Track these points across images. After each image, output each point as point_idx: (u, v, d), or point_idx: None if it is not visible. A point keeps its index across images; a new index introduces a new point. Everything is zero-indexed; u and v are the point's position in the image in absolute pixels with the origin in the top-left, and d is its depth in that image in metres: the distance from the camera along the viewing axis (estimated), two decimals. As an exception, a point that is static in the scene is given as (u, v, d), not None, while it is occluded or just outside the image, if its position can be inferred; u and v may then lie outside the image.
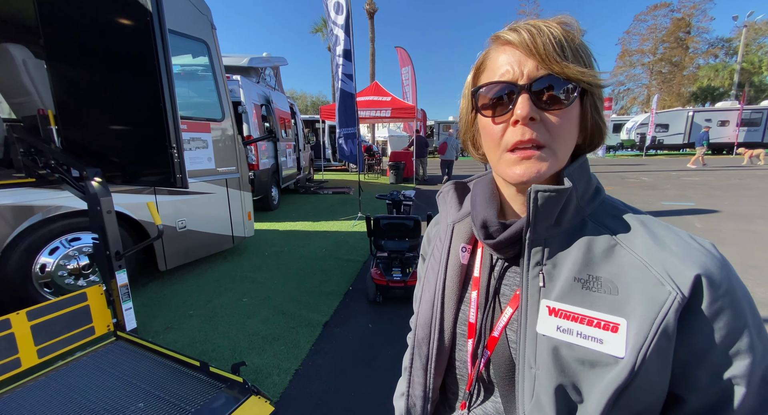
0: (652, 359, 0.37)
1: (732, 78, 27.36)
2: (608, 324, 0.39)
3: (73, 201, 2.59)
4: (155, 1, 1.90)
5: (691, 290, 0.38)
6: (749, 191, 8.25)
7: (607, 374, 0.38)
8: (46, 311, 2.04)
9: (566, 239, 0.45)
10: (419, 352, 0.55)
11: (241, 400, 1.75)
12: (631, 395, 0.38)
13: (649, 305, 0.38)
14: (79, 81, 2.29)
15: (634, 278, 0.40)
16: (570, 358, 0.40)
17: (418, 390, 0.55)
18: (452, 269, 0.55)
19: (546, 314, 0.43)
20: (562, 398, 0.40)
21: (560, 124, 0.43)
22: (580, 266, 0.42)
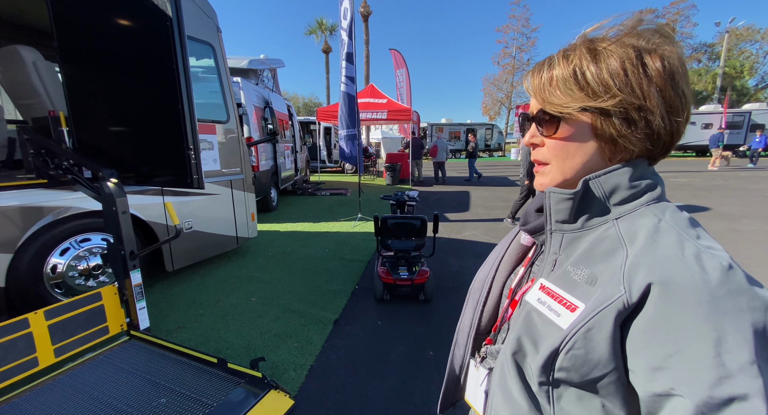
0: (578, 339, 0.44)
1: (715, 82, 28.18)
2: (571, 305, 0.47)
3: (83, 202, 2.61)
4: (175, 7, 1.95)
5: (640, 295, 0.40)
6: (734, 192, 8.55)
7: (551, 338, 0.47)
8: (62, 310, 2.06)
9: (581, 235, 0.51)
10: (473, 295, 0.70)
11: (261, 394, 1.80)
12: (564, 361, 0.45)
13: (601, 296, 0.43)
14: (92, 83, 2.31)
15: (610, 275, 0.44)
16: (536, 321, 0.51)
17: (467, 320, 0.70)
18: (514, 246, 0.69)
19: (537, 288, 0.53)
20: (518, 344, 0.52)
21: (556, 146, 0.52)
22: (579, 259, 0.50)
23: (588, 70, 0.47)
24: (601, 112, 0.47)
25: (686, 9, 31.76)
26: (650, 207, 0.49)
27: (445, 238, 4.88)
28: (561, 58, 0.50)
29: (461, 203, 8.03)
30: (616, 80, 0.46)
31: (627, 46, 0.46)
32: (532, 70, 0.54)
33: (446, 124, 26.99)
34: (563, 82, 0.49)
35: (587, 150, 0.51)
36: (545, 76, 0.51)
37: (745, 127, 20.24)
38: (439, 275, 3.40)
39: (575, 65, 0.48)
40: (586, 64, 0.47)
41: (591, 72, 0.47)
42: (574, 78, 0.48)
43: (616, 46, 0.47)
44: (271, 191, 6.91)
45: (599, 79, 0.47)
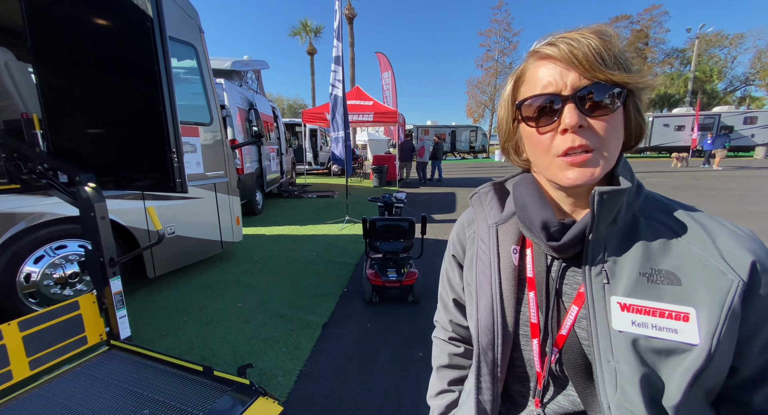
0: (724, 342, 0.41)
1: (686, 86, 29.42)
2: (679, 314, 0.42)
3: (58, 207, 2.51)
4: (155, 7, 1.90)
5: (750, 275, 0.42)
6: (707, 191, 8.93)
7: (685, 360, 0.42)
8: (38, 320, 1.97)
9: (623, 236, 0.48)
10: (485, 358, 0.55)
11: (249, 401, 1.76)
12: (707, 376, 0.42)
13: (716, 293, 0.41)
14: (68, 84, 2.24)
15: (695, 268, 0.43)
16: (648, 349, 0.43)
17: (488, 395, 0.56)
18: (506, 272, 0.55)
19: (618, 311, 0.45)
20: (647, 386, 0.43)
21: (608, 129, 0.45)
22: (642, 261, 0.45)
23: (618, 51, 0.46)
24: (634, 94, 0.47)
25: (659, 16, 33.15)
26: (653, 196, 0.51)
27: (432, 239, 4.91)
28: (590, 34, 0.45)
29: (448, 204, 8.11)
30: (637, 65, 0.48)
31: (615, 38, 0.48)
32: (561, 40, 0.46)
33: (432, 126, 27.24)
34: (611, 58, 0.44)
35: (621, 134, 0.48)
36: (594, 49, 0.44)
37: (715, 128, 21.17)
38: (427, 276, 3.41)
39: (611, 46, 0.45)
40: (615, 44, 0.46)
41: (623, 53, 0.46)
42: (616, 56, 0.45)
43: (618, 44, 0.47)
44: (257, 194, 6.81)
45: (627, 60, 0.46)
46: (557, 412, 0.53)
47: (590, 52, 0.44)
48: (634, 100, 0.48)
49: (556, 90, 0.46)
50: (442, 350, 0.75)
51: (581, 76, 0.45)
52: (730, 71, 33.67)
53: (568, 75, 0.45)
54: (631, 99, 0.48)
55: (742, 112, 21.69)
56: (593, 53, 0.44)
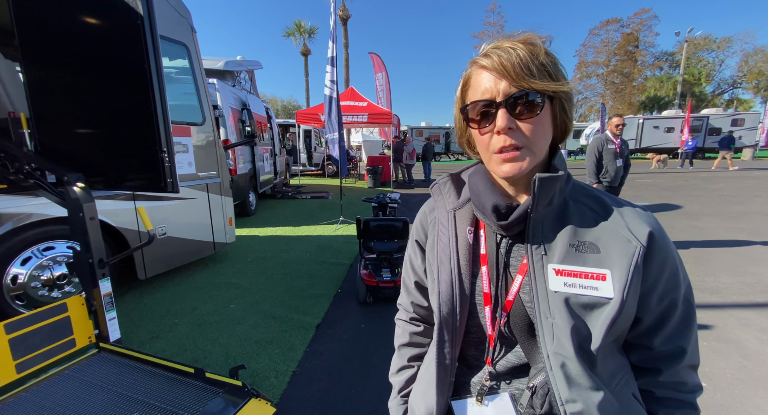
0: (631, 294, 0.52)
1: (675, 88, 29.92)
2: (598, 275, 0.52)
3: (45, 208, 2.47)
4: (146, 5, 1.89)
5: (648, 241, 0.53)
6: (695, 191, 9.08)
7: (604, 311, 0.52)
8: (24, 323, 1.93)
9: (556, 215, 0.58)
10: (446, 325, 0.62)
11: (242, 403, 1.74)
12: (619, 323, 0.53)
13: (624, 256, 0.52)
14: (57, 83, 2.20)
15: (610, 238, 0.54)
16: (577, 305, 0.53)
17: (448, 358, 0.62)
18: (462, 249, 0.63)
19: (554, 275, 0.54)
20: (576, 334, 0.52)
21: (534, 129, 0.53)
22: (571, 235, 0.56)
23: (545, 59, 0.53)
24: (559, 97, 0.55)
25: (649, 19, 33.72)
26: (579, 184, 0.62)
27: (426, 239, 4.90)
28: (520, 45, 0.52)
29: (442, 205, 8.12)
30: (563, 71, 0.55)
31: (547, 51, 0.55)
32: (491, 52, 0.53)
33: (426, 127, 27.31)
34: (537, 65, 0.52)
35: (550, 133, 0.57)
36: (521, 59, 0.51)
37: (704, 130, 21.57)
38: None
39: (536, 53, 0.52)
40: (542, 54, 0.53)
41: (549, 61, 0.53)
42: (542, 63, 0.52)
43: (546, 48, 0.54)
44: (250, 195, 6.77)
45: (555, 67, 0.54)
46: (506, 367, 0.61)
47: (517, 62, 0.51)
48: (560, 103, 0.56)
49: (491, 97, 0.53)
50: (403, 331, 0.82)
51: (510, 85, 0.52)
52: (718, 74, 34.38)
53: (501, 83, 0.53)
54: (556, 102, 0.55)
55: (730, 114, 22.12)
56: (520, 63, 0.51)
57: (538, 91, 0.52)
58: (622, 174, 4.18)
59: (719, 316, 2.77)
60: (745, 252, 4.31)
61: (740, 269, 3.73)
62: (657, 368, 0.58)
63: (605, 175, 4.15)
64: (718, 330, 2.56)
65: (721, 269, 3.77)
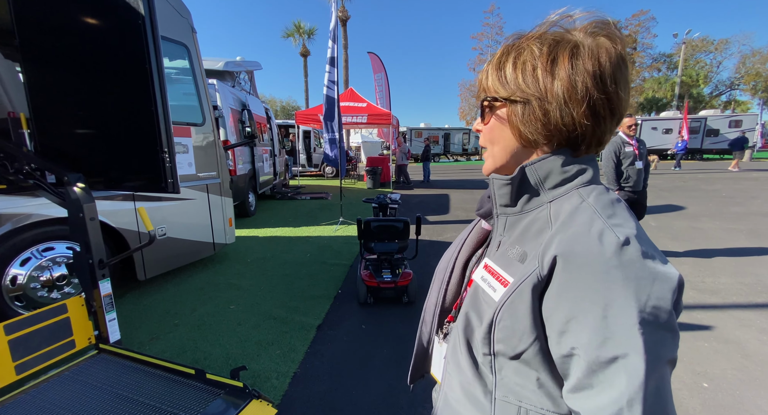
0: (504, 310, 0.50)
1: (673, 90, 30.04)
2: (505, 281, 0.53)
3: (45, 209, 2.46)
4: (147, 5, 1.88)
5: (549, 267, 0.46)
6: (693, 192, 9.11)
7: (489, 312, 0.53)
8: (24, 324, 1.92)
9: (521, 217, 0.57)
10: (437, 275, 0.74)
11: (243, 404, 1.74)
12: (499, 332, 0.51)
13: (522, 273, 0.50)
14: (57, 83, 2.20)
15: (536, 251, 0.49)
16: (480, 298, 0.56)
17: (432, 299, 0.74)
18: (476, 230, 0.73)
19: (481, 267, 0.59)
20: (465, 319, 0.57)
21: (488, 133, 0.58)
22: (515, 239, 0.56)
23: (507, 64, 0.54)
24: (510, 102, 0.54)
25: (646, 21, 33.80)
26: (579, 190, 0.53)
27: (426, 240, 4.91)
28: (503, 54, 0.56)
29: (442, 206, 8.13)
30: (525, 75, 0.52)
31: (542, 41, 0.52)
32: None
33: (425, 128, 27.33)
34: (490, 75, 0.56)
35: (506, 136, 0.57)
36: (487, 71, 0.57)
37: (702, 132, 21.64)
38: (422, 276, 3.41)
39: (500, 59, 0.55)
40: (504, 59, 0.55)
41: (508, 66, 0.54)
42: (496, 71, 0.55)
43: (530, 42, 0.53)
44: (249, 196, 6.76)
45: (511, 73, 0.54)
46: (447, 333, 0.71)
47: (483, 76, 0.58)
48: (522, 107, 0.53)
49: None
50: None
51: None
52: (715, 76, 34.52)
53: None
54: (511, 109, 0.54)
55: (728, 115, 22.20)
56: (483, 76, 0.57)
57: (480, 98, 0.57)
58: (645, 176, 3.80)
59: (719, 316, 2.77)
60: (744, 253, 4.32)
61: (740, 270, 3.74)
62: None
63: (627, 181, 3.75)
64: (718, 331, 2.56)
65: (721, 269, 3.78)
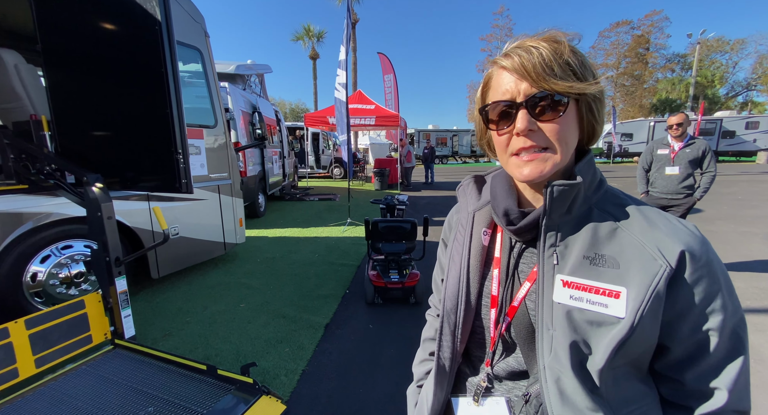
0: (647, 318, 0.47)
1: (688, 91, 29.45)
2: (612, 292, 0.49)
3: (64, 208, 2.54)
4: (164, 11, 1.95)
5: (677, 262, 0.48)
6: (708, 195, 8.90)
7: (611, 331, 0.48)
8: (44, 319, 1.99)
9: (576, 224, 0.54)
10: (448, 320, 0.63)
11: (253, 400, 1.77)
12: (629, 347, 0.48)
13: (645, 275, 0.48)
14: (77, 87, 2.28)
15: (633, 254, 0.49)
16: (581, 320, 0.50)
17: (447, 352, 0.63)
18: (475, 250, 0.64)
19: (560, 287, 0.52)
20: (575, 351, 0.50)
21: (556, 130, 0.51)
22: (588, 246, 0.52)
23: (571, 57, 0.50)
24: (586, 97, 0.52)
25: (660, 21, 33.29)
26: (612, 191, 0.57)
27: (434, 241, 4.90)
28: (543, 43, 0.50)
29: (450, 207, 8.05)
30: (593, 70, 0.52)
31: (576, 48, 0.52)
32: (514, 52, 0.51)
33: (433, 130, 27.31)
34: (560, 66, 0.49)
35: (576, 134, 0.54)
36: (543, 59, 0.49)
37: (717, 133, 21.18)
38: (429, 277, 3.41)
39: (561, 51, 0.50)
40: (566, 52, 0.50)
41: (575, 59, 0.50)
42: (567, 62, 0.50)
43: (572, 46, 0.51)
44: (259, 197, 6.85)
45: (583, 66, 0.51)
46: (505, 370, 0.60)
47: (539, 63, 0.49)
48: (586, 104, 0.53)
49: (512, 97, 0.52)
50: (430, 325, 0.84)
51: (531, 86, 0.50)
52: (731, 76, 33.76)
53: (521, 84, 0.51)
54: (582, 102, 0.52)
55: (744, 117, 21.68)
56: (542, 64, 0.49)
57: (561, 92, 0.49)
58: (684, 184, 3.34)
59: (733, 321, 2.72)
60: (760, 256, 4.23)
61: (755, 274, 3.66)
62: (689, 407, 0.52)
63: (654, 186, 3.57)
64: (731, 335, 2.51)
65: (735, 273, 3.70)
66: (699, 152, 3.32)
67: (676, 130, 3.37)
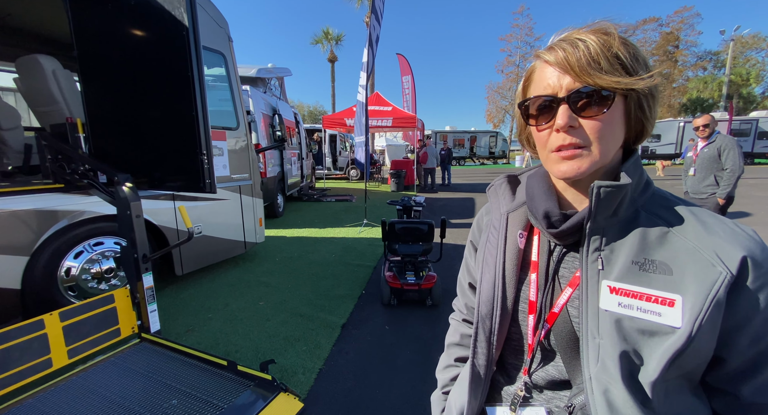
0: (705, 328, 0.44)
1: (721, 90, 28.08)
2: (665, 299, 0.46)
3: (96, 206, 2.67)
4: (191, 17, 2.02)
5: (739, 269, 0.44)
6: (742, 199, 8.46)
7: (666, 342, 0.45)
8: (77, 312, 2.09)
9: (622, 227, 0.51)
10: (483, 326, 0.61)
11: (271, 397, 1.80)
12: (685, 358, 0.45)
13: (703, 283, 0.44)
14: (110, 91, 2.39)
15: (687, 260, 0.46)
16: (631, 329, 0.47)
17: (482, 359, 0.61)
18: (510, 253, 0.61)
19: (607, 293, 0.49)
20: (626, 361, 0.47)
21: (599, 128, 0.48)
22: (637, 251, 0.49)
23: (621, 51, 0.47)
24: (636, 93, 0.49)
25: (690, 18, 31.88)
26: (660, 192, 0.54)
27: (451, 244, 4.88)
28: (591, 35, 0.48)
29: (467, 209, 8.03)
30: (647, 63, 0.48)
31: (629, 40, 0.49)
32: (558, 45, 0.49)
33: (450, 132, 27.11)
34: (607, 59, 0.46)
35: (622, 132, 0.51)
36: (589, 52, 0.47)
37: (753, 134, 20.09)
38: (446, 280, 3.40)
39: (611, 44, 0.47)
40: (615, 45, 0.47)
41: (627, 53, 0.47)
42: (615, 56, 0.47)
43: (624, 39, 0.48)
44: (278, 197, 6.98)
45: (634, 59, 0.48)
46: (544, 379, 0.58)
47: (584, 57, 0.47)
48: (637, 100, 0.50)
49: (553, 92, 0.50)
50: (455, 330, 0.81)
51: (575, 80, 0.48)
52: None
53: (564, 78, 0.49)
54: (632, 98, 0.49)
55: (782, 116, 20.50)
56: (587, 58, 0.47)
57: (606, 87, 0.46)
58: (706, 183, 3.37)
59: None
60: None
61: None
62: None
63: (686, 186, 3.63)
64: None
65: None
66: (715, 150, 3.34)
67: (703, 131, 3.39)
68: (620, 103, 0.49)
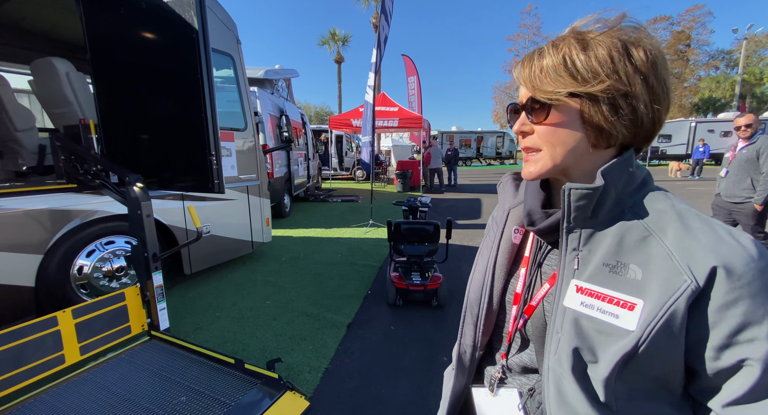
0: (659, 335, 0.44)
1: (734, 89, 27.56)
2: (626, 303, 0.46)
3: (108, 206, 2.72)
4: (201, 20, 2.05)
5: (707, 279, 0.43)
6: None
7: (618, 343, 0.46)
8: (89, 309, 2.14)
9: (602, 228, 0.51)
10: (471, 311, 0.67)
11: (278, 395, 1.82)
12: (638, 362, 0.46)
13: (665, 290, 0.44)
14: (121, 92, 2.43)
15: (659, 265, 0.45)
16: (589, 328, 0.49)
17: (468, 340, 0.67)
18: (504, 246, 0.65)
19: (573, 292, 0.51)
20: (577, 357, 0.49)
21: (546, 133, 0.52)
22: (611, 253, 0.49)
23: (577, 57, 0.49)
24: (589, 98, 0.49)
25: (702, 16, 31.37)
26: (654, 194, 0.52)
27: (457, 245, 4.87)
28: (551, 48, 0.51)
29: (473, 210, 8.00)
30: (604, 67, 0.48)
31: (613, 38, 0.49)
32: (521, 60, 0.54)
33: (457, 132, 27.02)
34: (553, 69, 0.50)
35: (576, 136, 0.52)
36: (536, 65, 0.52)
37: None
38: (451, 281, 3.39)
39: (564, 53, 0.49)
40: (575, 53, 0.49)
41: (580, 59, 0.49)
42: (563, 65, 0.49)
43: (603, 37, 0.49)
44: (285, 198, 7.03)
45: (588, 65, 0.48)
46: (518, 365, 0.63)
47: (530, 71, 0.52)
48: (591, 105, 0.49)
49: (520, 100, 0.56)
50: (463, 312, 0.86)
51: (528, 91, 0.53)
52: (783, 73, 31.25)
53: (522, 89, 0.55)
54: (584, 103, 0.49)
55: (797, 116, 20.04)
56: (536, 71, 0.51)
57: (543, 97, 0.51)
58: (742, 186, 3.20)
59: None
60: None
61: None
62: None
63: (719, 188, 3.43)
64: None
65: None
66: (754, 152, 3.13)
67: (745, 131, 3.18)
68: (569, 109, 0.50)
